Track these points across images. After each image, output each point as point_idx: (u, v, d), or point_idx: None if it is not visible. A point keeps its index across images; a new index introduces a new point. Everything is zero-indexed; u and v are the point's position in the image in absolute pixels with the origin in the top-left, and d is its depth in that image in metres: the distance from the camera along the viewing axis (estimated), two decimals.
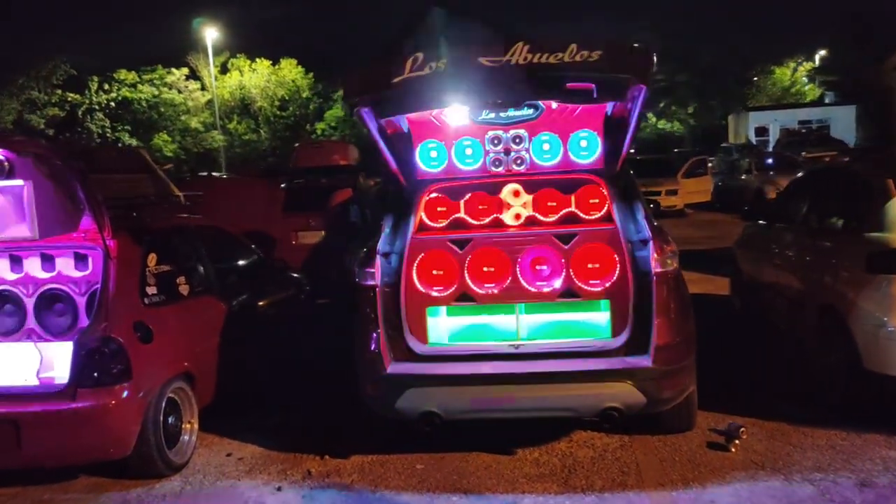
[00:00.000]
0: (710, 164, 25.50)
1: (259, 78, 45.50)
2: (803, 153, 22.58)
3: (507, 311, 5.17)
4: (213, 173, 16.83)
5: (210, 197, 8.08)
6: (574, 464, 5.04)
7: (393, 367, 4.88)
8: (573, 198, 5.32)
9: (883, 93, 6.17)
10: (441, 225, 5.40)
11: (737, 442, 5.14)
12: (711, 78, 44.73)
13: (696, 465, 4.93)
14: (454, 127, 5.00)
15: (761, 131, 41.91)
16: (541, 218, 5.35)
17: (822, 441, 5.18)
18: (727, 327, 8.07)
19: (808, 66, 56.79)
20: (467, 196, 5.40)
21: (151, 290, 5.41)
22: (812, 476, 4.67)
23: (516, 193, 5.37)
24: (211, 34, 42.13)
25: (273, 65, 45.80)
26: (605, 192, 5.24)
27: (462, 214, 5.43)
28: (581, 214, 5.31)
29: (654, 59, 4.05)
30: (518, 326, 5.15)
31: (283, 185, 10.96)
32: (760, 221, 7.85)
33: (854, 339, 5.31)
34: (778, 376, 6.57)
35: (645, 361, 4.71)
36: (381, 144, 4.89)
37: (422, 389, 4.79)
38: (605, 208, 5.23)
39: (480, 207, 5.39)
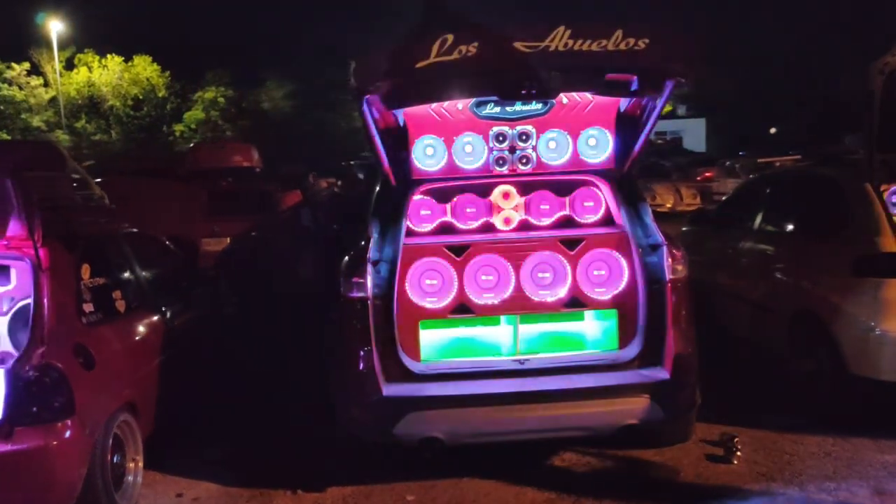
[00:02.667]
0: None
1: (110, 75, 42.62)
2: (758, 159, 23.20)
3: (509, 323, 4.76)
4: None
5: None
6: (578, 486, 4.68)
7: (389, 389, 4.35)
8: (567, 200, 4.98)
9: (867, 95, 6.37)
10: (425, 230, 4.91)
11: (738, 454, 4.96)
12: None
13: (706, 480, 4.71)
14: (455, 121, 4.54)
15: None
16: (534, 222, 4.97)
17: (814, 448, 5.10)
18: None
19: None
20: (455, 198, 4.94)
21: (88, 307, 4.62)
22: (826, 486, 4.55)
23: (507, 196, 4.97)
24: (56, 27, 39.05)
25: (126, 62, 43.04)
26: (602, 195, 4.94)
27: (449, 218, 4.97)
28: (577, 218, 4.98)
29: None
30: (520, 340, 4.75)
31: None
32: (707, 226, 7.81)
33: (839, 344, 5.27)
34: (746, 383, 6.50)
35: (662, 374, 4.45)
36: (378, 140, 4.35)
37: (423, 413, 4.31)
38: (603, 211, 4.94)
39: (468, 211, 4.95)
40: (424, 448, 4.38)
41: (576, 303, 4.70)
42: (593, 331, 4.80)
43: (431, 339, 4.74)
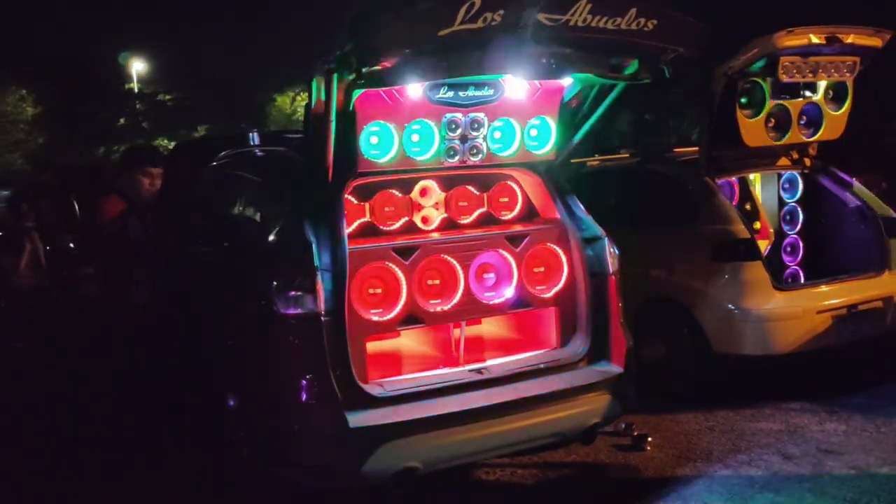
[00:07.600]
0: None
1: None
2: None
3: (459, 331, 4.33)
4: None
5: None
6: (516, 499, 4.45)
7: (356, 419, 3.68)
8: (486, 196, 4.67)
9: (709, 96, 6.84)
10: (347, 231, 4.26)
11: (650, 440, 5.06)
12: (232, 98, 44.06)
13: (634, 472, 4.71)
14: (407, 106, 3.95)
15: None
16: (455, 220, 4.59)
17: (695, 426, 5.36)
18: None
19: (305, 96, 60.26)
20: (375, 195, 4.36)
21: None
22: (740, 458, 4.80)
23: (425, 192, 4.52)
24: None
25: None
26: (518, 189, 4.72)
27: (368, 218, 4.38)
28: (493, 214, 4.69)
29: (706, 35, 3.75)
30: (472, 347, 4.38)
31: None
32: None
33: (702, 326, 5.66)
34: None
35: (616, 368, 4.40)
36: (332, 126, 3.62)
37: (399, 441, 3.72)
38: (519, 207, 4.72)
39: (387, 209, 4.40)
40: (397, 483, 3.78)
41: (523, 302, 4.43)
42: (542, 330, 4.57)
43: (381, 355, 4.13)
